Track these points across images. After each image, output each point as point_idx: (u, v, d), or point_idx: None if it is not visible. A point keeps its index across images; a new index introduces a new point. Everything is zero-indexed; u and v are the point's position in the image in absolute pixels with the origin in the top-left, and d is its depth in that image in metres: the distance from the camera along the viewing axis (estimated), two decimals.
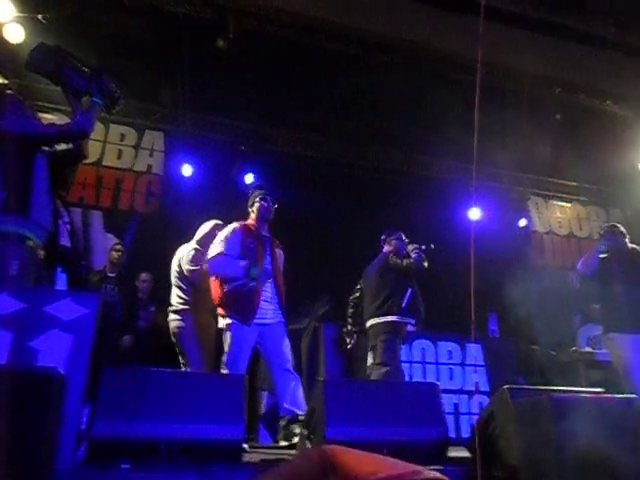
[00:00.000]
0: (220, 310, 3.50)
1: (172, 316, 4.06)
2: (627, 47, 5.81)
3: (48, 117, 5.18)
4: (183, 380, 2.34)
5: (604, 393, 2.60)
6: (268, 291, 3.56)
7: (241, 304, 3.42)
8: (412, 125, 6.21)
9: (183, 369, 3.93)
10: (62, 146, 2.79)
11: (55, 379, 1.51)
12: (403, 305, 4.43)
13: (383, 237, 4.89)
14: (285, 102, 5.94)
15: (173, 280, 4.16)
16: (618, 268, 4.20)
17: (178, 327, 4.00)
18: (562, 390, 2.62)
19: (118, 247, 5.27)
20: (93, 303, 2.19)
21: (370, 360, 4.62)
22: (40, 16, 4.93)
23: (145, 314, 5.25)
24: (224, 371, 3.33)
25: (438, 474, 0.65)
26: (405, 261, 4.52)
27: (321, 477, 0.61)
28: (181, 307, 4.02)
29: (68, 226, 2.78)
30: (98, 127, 6.18)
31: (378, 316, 4.45)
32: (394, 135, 6.60)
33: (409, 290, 4.50)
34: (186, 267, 4.02)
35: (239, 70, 5.44)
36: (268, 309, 3.53)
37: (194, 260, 4.00)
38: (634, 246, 4.38)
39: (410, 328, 4.65)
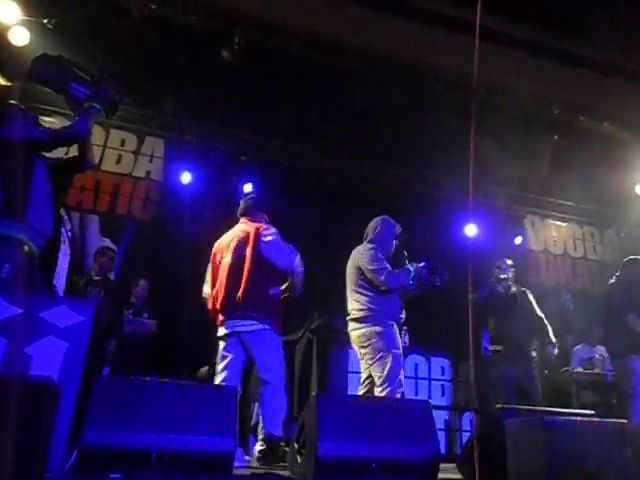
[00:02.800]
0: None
1: (352, 325, 3.81)
2: (624, 70, 5.89)
3: (50, 120, 5.20)
4: (175, 390, 2.33)
5: (595, 416, 2.61)
6: None
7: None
8: (411, 141, 6.24)
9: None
10: (61, 151, 2.80)
11: (50, 389, 1.51)
12: None
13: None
14: (286, 114, 5.97)
15: (350, 286, 3.93)
16: (628, 295, 4.30)
17: (362, 335, 3.73)
18: (554, 412, 2.63)
19: (111, 254, 5.27)
20: (89, 310, 2.19)
21: None
22: (45, 20, 4.97)
23: (136, 320, 5.25)
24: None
25: None
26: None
27: None
28: (362, 314, 3.76)
29: (70, 234, 2.80)
30: (99, 132, 6.20)
31: None
32: (393, 150, 6.64)
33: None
34: (368, 267, 3.78)
35: (242, 81, 5.48)
36: None
37: (376, 259, 3.80)
38: None
39: None
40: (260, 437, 3.31)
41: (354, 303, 3.82)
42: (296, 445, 2.62)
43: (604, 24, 5.29)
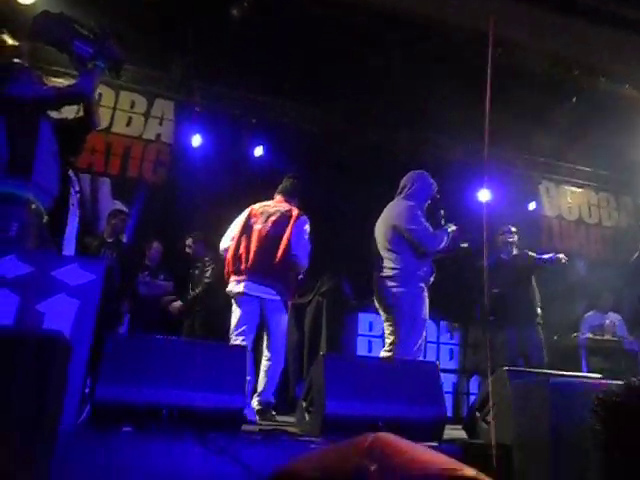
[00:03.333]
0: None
1: (381, 282, 3.71)
2: None
3: (59, 81, 5.15)
4: (186, 348, 2.38)
5: (602, 379, 2.62)
6: None
7: None
8: (423, 105, 6.11)
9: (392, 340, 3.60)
10: (69, 111, 2.79)
11: (61, 343, 1.54)
12: None
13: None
14: (298, 75, 5.85)
15: (381, 244, 3.78)
16: None
17: (392, 294, 3.64)
18: (560, 374, 2.64)
19: (122, 216, 5.32)
20: (99, 269, 2.20)
21: None
22: None
23: (153, 282, 5.33)
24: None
25: (476, 473, 0.66)
26: None
27: (361, 459, 0.63)
28: (393, 273, 3.65)
29: (78, 195, 2.80)
30: (108, 93, 6.14)
31: None
32: (404, 112, 6.51)
33: None
34: (408, 227, 3.63)
35: (252, 41, 5.36)
36: None
37: (416, 219, 3.65)
38: None
39: None
40: (258, 397, 3.51)
41: (385, 261, 3.68)
42: (304, 403, 2.67)
43: None
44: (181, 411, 2.13)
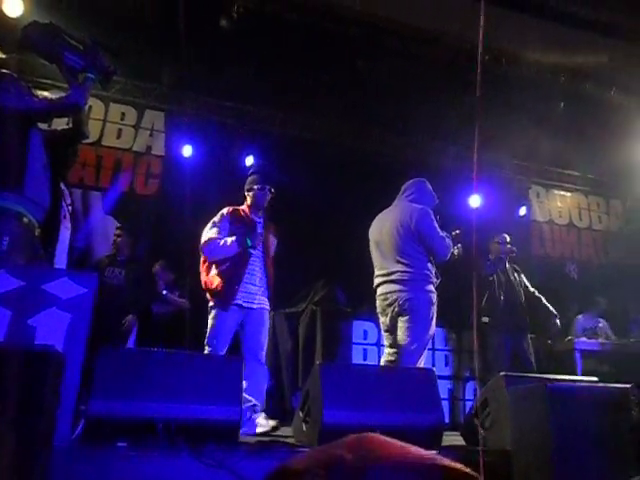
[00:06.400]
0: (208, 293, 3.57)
1: (393, 287, 3.52)
2: (634, 36, 5.74)
3: (46, 94, 5.13)
4: (180, 360, 2.34)
5: (598, 382, 2.62)
6: (257, 275, 3.57)
7: (222, 289, 3.46)
8: (413, 110, 6.16)
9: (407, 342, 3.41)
10: (59, 123, 2.77)
11: (53, 357, 1.51)
12: None
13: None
14: (286, 84, 5.87)
15: (394, 246, 3.60)
16: None
17: (411, 299, 3.45)
18: (557, 379, 2.64)
19: (117, 232, 5.26)
20: (91, 282, 2.17)
21: None
22: None
23: (171, 297, 5.29)
24: (206, 349, 3.44)
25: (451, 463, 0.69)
26: None
27: (341, 451, 0.67)
28: (407, 277, 3.48)
29: (70, 207, 2.78)
30: (98, 106, 6.12)
31: None
32: (393, 119, 6.56)
33: None
34: (432, 234, 3.53)
35: (241, 51, 5.38)
36: (255, 294, 3.55)
37: (436, 226, 3.57)
38: None
39: None
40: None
41: (395, 265, 3.50)
42: (301, 414, 2.64)
43: None
44: (177, 424, 2.09)
